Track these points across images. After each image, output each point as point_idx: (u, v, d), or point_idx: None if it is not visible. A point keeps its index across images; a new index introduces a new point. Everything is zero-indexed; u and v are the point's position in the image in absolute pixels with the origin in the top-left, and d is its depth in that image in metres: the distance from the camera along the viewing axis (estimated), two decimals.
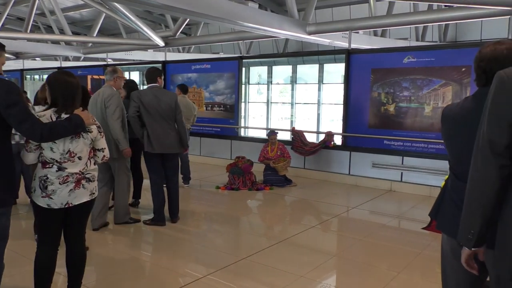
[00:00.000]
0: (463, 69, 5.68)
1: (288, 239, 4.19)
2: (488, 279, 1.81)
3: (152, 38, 8.90)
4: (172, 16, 11.36)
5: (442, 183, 1.94)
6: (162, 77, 4.61)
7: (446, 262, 1.90)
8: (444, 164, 1.96)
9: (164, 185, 4.55)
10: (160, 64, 9.30)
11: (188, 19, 8.94)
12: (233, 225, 4.88)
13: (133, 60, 13.00)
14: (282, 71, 14.76)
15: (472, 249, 1.52)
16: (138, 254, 3.81)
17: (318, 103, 13.37)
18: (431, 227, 4.33)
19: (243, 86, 9.11)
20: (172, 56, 12.89)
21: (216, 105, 8.49)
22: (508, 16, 5.87)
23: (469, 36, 12.26)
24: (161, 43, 9.26)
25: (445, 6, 7.01)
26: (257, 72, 14.74)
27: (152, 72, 4.50)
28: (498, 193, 1.42)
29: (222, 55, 13.85)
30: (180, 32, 9.81)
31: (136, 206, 5.17)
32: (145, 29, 8.32)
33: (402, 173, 6.33)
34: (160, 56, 11.77)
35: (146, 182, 4.81)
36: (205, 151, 8.68)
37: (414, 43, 11.00)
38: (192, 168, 6.56)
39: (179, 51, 15.30)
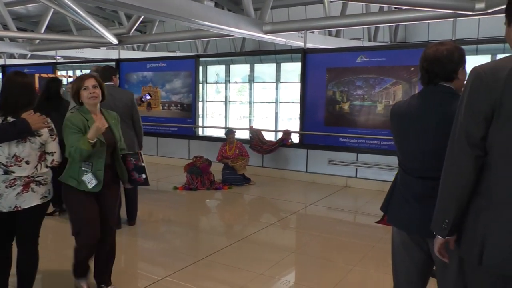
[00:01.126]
0: (412, 69, 5.94)
1: (247, 237, 4.20)
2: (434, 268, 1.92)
3: (105, 35, 8.62)
4: (126, 13, 11.05)
5: (393, 178, 2.02)
6: (118, 76, 4.47)
7: (396, 254, 1.98)
8: (396, 160, 2.04)
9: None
10: (114, 63, 9.01)
11: (142, 17, 8.73)
12: (191, 225, 4.82)
13: (85, 58, 12.53)
14: (240, 70, 14.76)
15: (446, 237, 1.56)
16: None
17: (276, 102, 13.50)
18: (384, 221, 4.50)
19: (200, 85, 9.03)
20: (126, 54, 12.56)
21: (172, 104, 8.35)
22: (452, 19, 6.20)
23: (417, 37, 12.87)
24: (114, 40, 8.99)
25: (395, 8, 7.30)
26: (215, 71, 14.65)
27: (107, 71, 4.36)
28: (472, 184, 1.47)
29: (178, 54, 13.66)
30: (135, 30, 9.58)
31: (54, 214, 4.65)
32: (96, 26, 8.04)
33: (357, 169, 6.53)
34: (113, 54, 11.43)
35: None
36: (162, 151, 8.52)
37: (367, 43, 11.40)
38: (148, 169, 6.39)
39: (133, 49, 14.93)
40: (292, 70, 12.93)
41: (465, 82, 1.66)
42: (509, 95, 1.34)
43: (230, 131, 6.85)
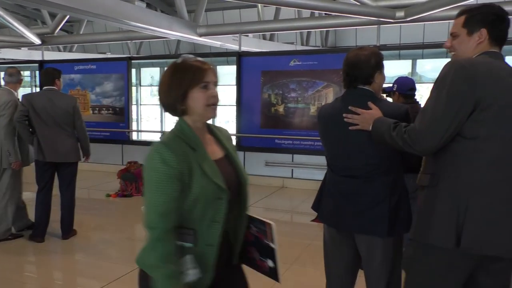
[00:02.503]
0: (341, 72, 6.23)
1: None
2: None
3: (26, 35, 8.04)
4: (50, 11, 10.38)
5: (323, 178, 2.11)
6: (61, 79, 4.17)
7: (327, 250, 2.07)
8: None
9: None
10: (37, 64, 8.43)
11: (68, 16, 8.26)
12: (127, 233, 4.64)
13: (4, 59, 11.57)
14: None
15: None
16: (20, 277, 3.40)
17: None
18: (318, 219, 4.66)
19: (134, 88, 8.74)
20: (51, 55, 11.79)
21: (104, 108, 7.99)
22: (376, 26, 6.61)
23: (346, 42, 13.51)
24: (37, 40, 8.41)
25: (325, 14, 7.61)
26: (149, 74, 14.25)
27: (50, 73, 4.07)
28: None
29: (109, 55, 13.10)
30: (60, 30, 9.04)
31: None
32: (16, 24, 7.47)
33: (292, 170, 6.70)
34: (36, 55, 10.68)
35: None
36: (93, 157, 8.00)
37: (300, 47, 11.75)
38: (79, 176, 6.04)
39: (59, 50, 14.06)
40: (228, 73, 12.96)
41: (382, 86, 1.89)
42: (491, 90, 1.46)
43: None
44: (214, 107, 1.40)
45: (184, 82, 1.34)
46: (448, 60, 1.61)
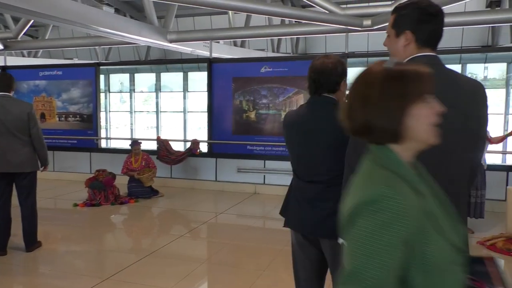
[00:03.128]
0: (307, 79, 6.32)
1: (156, 251, 4.06)
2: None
3: None
4: (13, 16, 10.05)
5: (289, 184, 2.13)
6: (15, 85, 3.99)
7: (295, 254, 2.10)
8: None
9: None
10: None
11: (32, 21, 8.02)
12: (95, 244, 4.51)
13: None
14: (145, 79, 14.32)
15: None
16: None
17: (184, 111, 13.35)
18: (285, 225, 4.68)
19: (102, 94, 8.56)
20: (15, 60, 11.38)
21: (71, 115, 7.77)
22: (344, 33, 6.75)
23: (316, 49, 13.76)
24: None
25: (295, 21, 7.73)
26: (119, 80, 14.01)
27: (8, 78, 3.90)
28: None
29: (76, 61, 12.78)
30: (24, 34, 8.75)
31: None
32: None
33: (264, 176, 6.72)
34: None
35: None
36: (60, 165, 7.86)
37: (271, 54, 11.87)
38: (45, 186, 5.89)
39: (23, 56, 13.61)
40: (200, 79, 12.93)
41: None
42: None
43: (135, 142, 6.58)
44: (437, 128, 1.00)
45: (407, 95, 0.96)
46: None
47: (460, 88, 1.39)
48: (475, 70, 11.84)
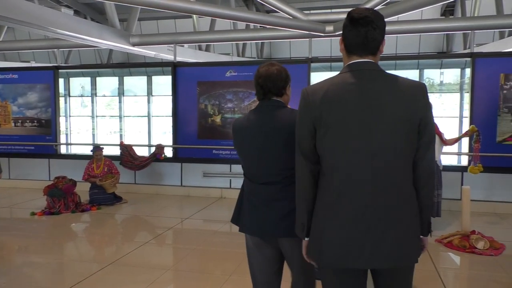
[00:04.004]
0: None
1: (120, 259, 3.96)
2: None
3: None
4: None
5: (240, 190, 2.19)
6: None
7: (252, 257, 2.14)
8: None
9: None
10: None
11: None
12: (55, 254, 4.34)
13: None
14: (108, 83, 13.95)
15: (306, 238, 1.69)
16: None
17: (148, 116, 13.11)
18: (240, 231, 4.70)
19: (62, 98, 8.27)
20: None
21: (27, 121, 7.45)
22: (308, 39, 6.88)
23: (281, 54, 13.93)
24: None
25: (260, 26, 7.80)
26: (80, 84, 13.57)
27: None
28: (313, 189, 1.65)
29: (33, 64, 12.29)
30: None
31: None
32: None
33: (231, 180, 6.71)
34: None
35: None
36: (16, 173, 7.52)
37: (236, 58, 11.90)
38: (0, 194, 5.61)
39: None
40: (164, 83, 12.75)
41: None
42: (325, 110, 1.55)
43: (97, 148, 6.40)
44: None
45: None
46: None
47: (399, 91, 1.54)
48: (432, 75, 12.36)
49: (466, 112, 5.73)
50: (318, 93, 1.57)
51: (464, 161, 5.91)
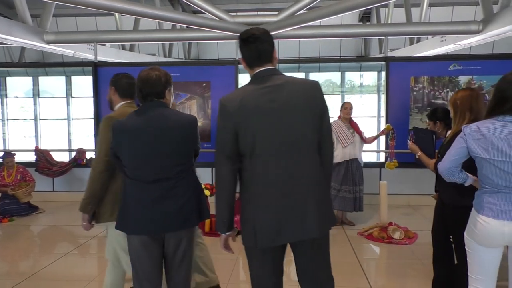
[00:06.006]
0: (204, 84, 6.34)
1: (37, 273, 3.66)
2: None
3: None
4: None
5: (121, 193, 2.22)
6: None
7: (135, 255, 2.15)
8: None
9: None
10: None
11: None
12: None
13: None
14: (20, 83, 12.86)
15: (226, 233, 1.91)
16: None
17: (68, 118, 12.32)
18: (123, 231, 4.61)
19: None
20: None
21: None
22: (235, 40, 6.92)
23: (209, 55, 13.84)
24: None
25: (187, 27, 7.67)
26: None
27: None
28: (234, 186, 1.86)
29: None
30: None
31: None
32: None
33: None
34: None
35: None
36: None
37: (162, 59, 11.60)
38: None
39: None
40: (85, 84, 12.06)
41: (172, 101, 2.23)
42: (243, 116, 1.81)
43: (7, 154, 5.88)
44: None
45: None
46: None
47: (300, 88, 1.86)
48: (353, 78, 13.14)
49: (383, 112, 6.14)
50: (235, 101, 1.83)
51: (383, 158, 6.34)
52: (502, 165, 1.93)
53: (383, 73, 6.21)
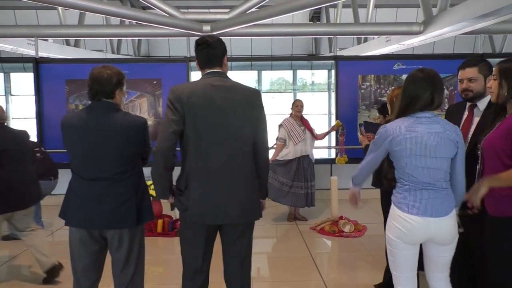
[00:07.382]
0: (155, 82, 6.19)
1: None
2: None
3: None
4: None
5: (68, 186, 2.28)
6: None
7: (75, 249, 2.22)
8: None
9: None
10: None
11: None
12: None
13: None
14: None
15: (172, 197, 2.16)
16: None
17: (7, 118, 11.56)
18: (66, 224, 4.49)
19: None
20: None
21: None
22: (186, 37, 6.81)
23: (160, 52, 13.55)
24: None
25: (137, 22, 7.45)
26: None
27: None
28: (173, 159, 2.04)
29: None
30: None
31: None
32: None
33: None
34: None
35: None
36: None
37: (110, 56, 11.20)
38: None
39: None
40: (26, 81, 11.37)
41: (124, 101, 2.30)
42: (192, 103, 2.01)
43: None
44: None
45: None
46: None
47: (242, 94, 2.11)
48: (304, 76, 13.40)
49: (334, 109, 6.31)
50: (186, 89, 2.04)
51: (333, 154, 6.51)
52: (424, 162, 1.94)
53: (333, 72, 6.37)
